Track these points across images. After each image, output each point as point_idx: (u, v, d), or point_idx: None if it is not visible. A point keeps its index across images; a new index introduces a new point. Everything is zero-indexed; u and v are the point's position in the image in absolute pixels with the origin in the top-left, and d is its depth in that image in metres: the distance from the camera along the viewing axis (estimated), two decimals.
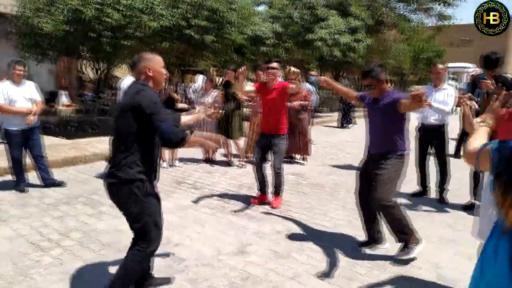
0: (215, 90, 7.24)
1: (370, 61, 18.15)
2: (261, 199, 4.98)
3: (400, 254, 3.46)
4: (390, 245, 3.65)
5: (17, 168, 5.19)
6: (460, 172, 5.78)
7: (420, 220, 4.47)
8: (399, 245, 3.52)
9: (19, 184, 5.19)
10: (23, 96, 5.03)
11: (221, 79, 20.34)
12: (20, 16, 10.46)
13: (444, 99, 4.99)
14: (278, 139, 4.78)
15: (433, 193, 5.38)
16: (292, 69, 4.71)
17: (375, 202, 3.45)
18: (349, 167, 7.00)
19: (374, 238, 3.72)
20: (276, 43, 14.67)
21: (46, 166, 5.40)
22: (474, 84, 5.74)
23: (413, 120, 5.65)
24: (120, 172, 2.46)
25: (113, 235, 3.88)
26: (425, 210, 4.86)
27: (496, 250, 1.52)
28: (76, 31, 9.59)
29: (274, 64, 4.72)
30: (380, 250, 3.66)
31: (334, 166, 7.17)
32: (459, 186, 5.63)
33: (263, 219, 4.45)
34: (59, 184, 5.37)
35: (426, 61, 21.82)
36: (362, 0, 14.99)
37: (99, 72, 13.18)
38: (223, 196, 5.26)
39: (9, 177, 5.47)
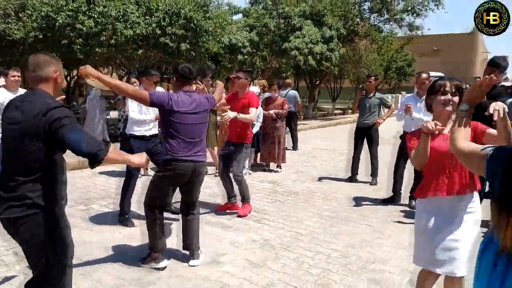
0: None
1: (343, 69, 18.57)
2: (226, 207, 4.96)
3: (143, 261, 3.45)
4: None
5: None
6: None
7: (392, 226, 4.57)
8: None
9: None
10: None
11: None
12: None
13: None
14: (241, 147, 4.78)
15: (403, 199, 5.48)
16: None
17: None
18: (323, 174, 7.10)
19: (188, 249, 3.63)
20: (253, 51, 14.81)
21: None
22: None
23: (395, 128, 5.78)
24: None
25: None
26: (395, 216, 4.95)
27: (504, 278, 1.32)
28: (48, 38, 9.41)
29: (240, 73, 4.82)
30: (340, 254, 3.72)
31: (307, 173, 7.24)
32: None
33: (239, 228, 4.43)
34: None
35: (397, 70, 22.36)
36: (337, 11, 15.33)
37: (70, 80, 12.88)
38: None
39: None
